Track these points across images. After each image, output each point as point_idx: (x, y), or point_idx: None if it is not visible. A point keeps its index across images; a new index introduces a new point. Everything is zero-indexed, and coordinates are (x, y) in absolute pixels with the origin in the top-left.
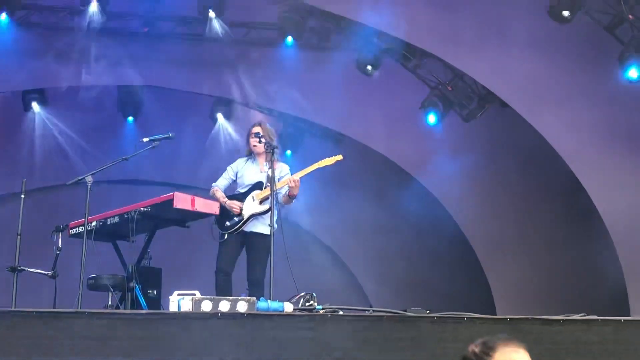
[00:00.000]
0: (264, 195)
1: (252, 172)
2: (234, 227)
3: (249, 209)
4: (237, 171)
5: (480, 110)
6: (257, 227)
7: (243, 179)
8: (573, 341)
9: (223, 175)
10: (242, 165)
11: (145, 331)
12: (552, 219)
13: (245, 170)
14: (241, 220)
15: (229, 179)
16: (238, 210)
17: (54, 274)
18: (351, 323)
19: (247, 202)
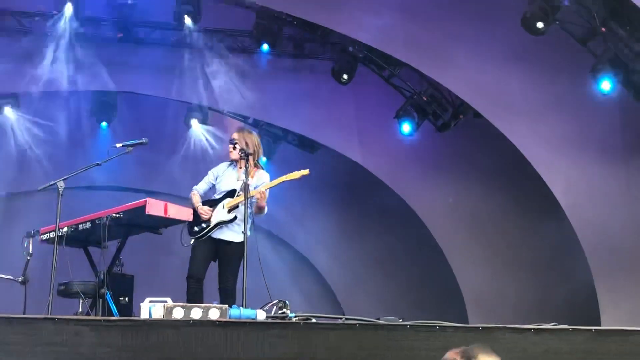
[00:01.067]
0: (233, 203)
1: (229, 179)
2: (200, 233)
3: (216, 217)
4: (217, 176)
5: (454, 120)
6: (227, 234)
7: (220, 184)
8: (544, 350)
9: (204, 179)
10: (223, 171)
11: (115, 338)
12: (525, 228)
13: (224, 175)
14: (208, 227)
15: (208, 182)
16: (207, 217)
17: (24, 280)
18: (323, 331)
19: (217, 210)
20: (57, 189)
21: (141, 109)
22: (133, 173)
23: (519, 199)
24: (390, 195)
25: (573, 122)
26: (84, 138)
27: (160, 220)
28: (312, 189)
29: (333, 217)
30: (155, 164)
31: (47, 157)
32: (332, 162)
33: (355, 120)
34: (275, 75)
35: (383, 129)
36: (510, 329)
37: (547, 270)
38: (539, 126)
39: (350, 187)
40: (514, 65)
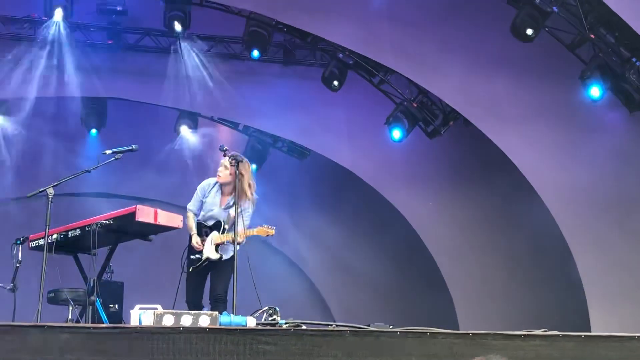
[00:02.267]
0: (220, 241)
1: (213, 204)
2: (196, 264)
3: (206, 252)
4: (204, 193)
5: (444, 126)
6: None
7: (205, 205)
8: (534, 356)
9: (194, 196)
10: (208, 190)
11: (105, 345)
12: (514, 232)
13: (209, 197)
14: (200, 260)
15: (199, 200)
16: (199, 249)
17: (13, 288)
18: (314, 338)
19: (207, 244)
20: (47, 195)
21: (131, 116)
22: (123, 180)
23: (507, 204)
24: (380, 201)
25: (562, 128)
26: (74, 145)
27: (150, 227)
28: (302, 195)
29: (323, 223)
30: (145, 171)
31: (36, 163)
32: (322, 168)
33: (345, 126)
34: (266, 81)
35: (373, 135)
36: (500, 335)
37: (537, 275)
38: (527, 132)
39: (340, 193)
40: (503, 72)
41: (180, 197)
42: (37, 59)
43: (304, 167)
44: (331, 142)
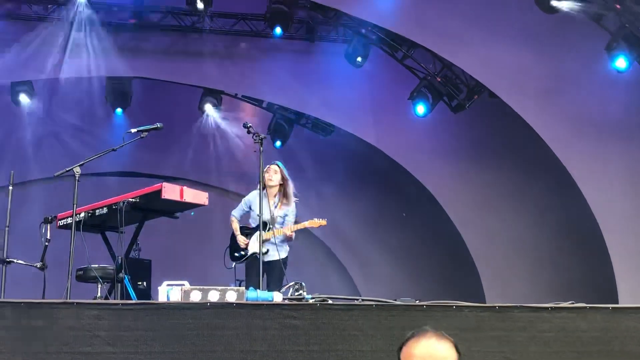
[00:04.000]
0: (265, 237)
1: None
2: (239, 260)
3: (252, 247)
4: (250, 204)
5: (469, 100)
6: (270, 256)
7: (253, 213)
8: (561, 329)
9: (239, 206)
10: (254, 199)
11: (134, 322)
12: (541, 208)
13: (256, 205)
14: (245, 255)
15: (242, 210)
16: (244, 245)
17: (42, 266)
18: (340, 312)
19: (252, 240)
20: (74, 174)
21: (155, 95)
22: (148, 158)
23: (535, 178)
24: (405, 177)
25: (588, 100)
26: (99, 124)
27: (176, 205)
28: (327, 171)
29: (348, 199)
30: (170, 149)
31: (62, 143)
32: (346, 144)
33: (369, 102)
34: (289, 58)
35: (397, 111)
36: (527, 307)
37: (564, 249)
38: (554, 105)
39: (364, 169)
40: (528, 44)
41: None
42: (60, 40)
43: (328, 144)
44: (355, 118)
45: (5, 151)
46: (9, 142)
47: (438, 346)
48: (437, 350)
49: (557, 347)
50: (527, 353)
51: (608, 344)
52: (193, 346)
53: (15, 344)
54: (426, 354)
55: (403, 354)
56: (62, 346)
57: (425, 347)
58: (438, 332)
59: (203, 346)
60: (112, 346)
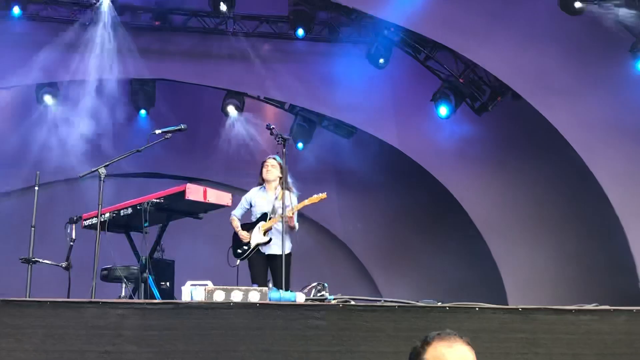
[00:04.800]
0: (267, 226)
1: (262, 202)
2: (244, 255)
3: (254, 239)
4: (250, 201)
5: (492, 102)
6: (273, 249)
7: (255, 208)
8: (585, 331)
9: (239, 205)
10: (255, 195)
11: (158, 321)
12: (564, 210)
13: (257, 199)
14: (249, 249)
15: (243, 208)
16: (246, 240)
17: (67, 266)
18: (363, 313)
19: (254, 232)
20: (99, 175)
21: (179, 96)
22: (172, 160)
23: (559, 181)
24: (427, 179)
25: (613, 102)
26: (123, 126)
27: (200, 205)
28: (349, 174)
29: (370, 201)
30: (194, 151)
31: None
32: (368, 146)
33: (391, 104)
34: (311, 60)
35: (419, 112)
36: (550, 310)
37: (587, 252)
38: (579, 107)
39: (387, 171)
40: (552, 45)
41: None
42: (85, 42)
43: (350, 146)
44: (377, 120)
45: (31, 152)
46: (34, 143)
47: (468, 353)
48: (468, 356)
49: (581, 349)
50: (550, 355)
51: (632, 347)
52: (216, 346)
53: (41, 343)
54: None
55: (431, 356)
56: (87, 345)
57: (458, 352)
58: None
59: (226, 346)
60: (137, 345)
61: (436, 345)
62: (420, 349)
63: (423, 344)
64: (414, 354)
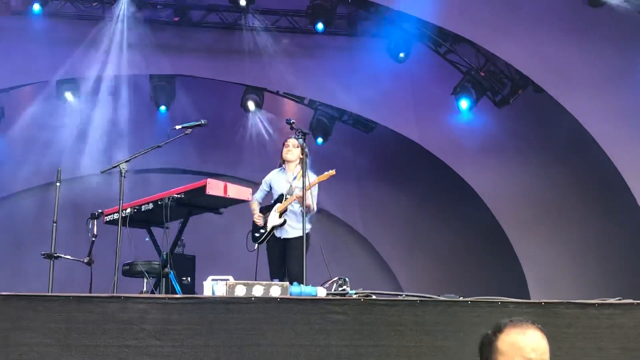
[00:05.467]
0: (282, 208)
1: (280, 183)
2: (261, 239)
3: (270, 222)
4: (269, 182)
5: (513, 95)
6: (289, 232)
7: (274, 190)
8: (608, 325)
9: (259, 187)
10: (274, 177)
11: (180, 316)
12: (587, 203)
13: (276, 181)
14: (265, 232)
15: (263, 191)
16: (260, 223)
17: (89, 261)
18: (384, 307)
19: (271, 215)
20: (120, 170)
21: (199, 92)
22: (192, 155)
23: (581, 175)
24: (447, 173)
25: (637, 95)
26: (143, 121)
27: (220, 200)
28: (369, 168)
29: (390, 196)
30: (214, 146)
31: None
32: (388, 141)
33: (411, 98)
34: (331, 54)
35: (440, 106)
36: (573, 304)
37: (610, 246)
38: (601, 99)
39: (407, 166)
40: (574, 38)
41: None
42: (105, 38)
43: (370, 140)
44: (397, 114)
45: (52, 148)
46: (55, 139)
47: (542, 338)
48: (543, 342)
49: (604, 343)
50: (573, 349)
51: None
52: (238, 340)
53: (64, 337)
54: (535, 346)
55: (505, 342)
56: (109, 339)
57: (533, 338)
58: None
59: (248, 340)
60: (159, 339)
61: (509, 332)
62: (493, 336)
63: (495, 331)
64: (486, 342)
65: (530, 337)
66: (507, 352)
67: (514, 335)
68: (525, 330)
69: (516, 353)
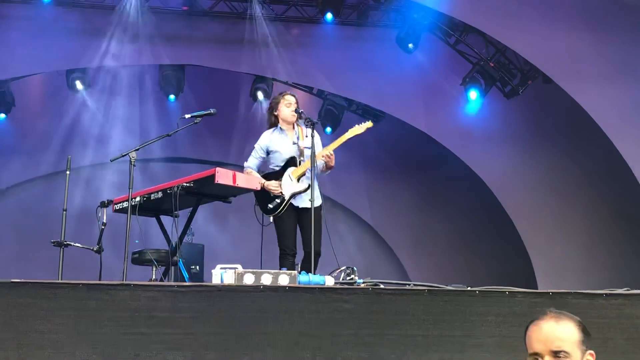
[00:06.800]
0: (300, 172)
1: (284, 146)
2: (278, 209)
3: (288, 189)
4: (266, 147)
5: (522, 86)
6: (306, 202)
7: (275, 154)
8: (616, 316)
9: (252, 154)
10: (269, 139)
11: (189, 304)
12: (595, 194)
13: (275, 144)
14: (283, 201)
15: (259, 157)
16: (278, 191)
17: (99, 249)
18: (392, 297)
19: (285, 181)
20: (129, 159)
21: (207, 81)
22: (201, 144)
23: (590, 166)
24: (457, 164)
25: None
26: (153, 111)
27: (229, 189)
28: (378, 159)
29: (399, 187)
30: (223, 136)
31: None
32: (397, 131)
33: (420, 88)
34: (340, 44)
35: (449, 97)
36: (581, 294)
37: (618, 236)
38: (611, 91)
39: (416, 156)
40: (584, 28)
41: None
42: (114, 27)
43: (378, 130)
44: (406, 105)
45: (62, 137)
46: (65, 128)
47: (556, 328)
48: (553, 331)
49: (611, 333)
50: None
51: None
52: (246, 328)
53: (74, 325)
54: (542, 337)
55: (526, 338)
56: (119, 327)
57: (542, 329)
58: (561, 312)
59: (256, 328)
60: (168, 327)
61: (529, 327)
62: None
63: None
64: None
65: (540, 328)
66: (527, 346)
67: (530, 329)
68: (540, 322)
69: (529, 346)
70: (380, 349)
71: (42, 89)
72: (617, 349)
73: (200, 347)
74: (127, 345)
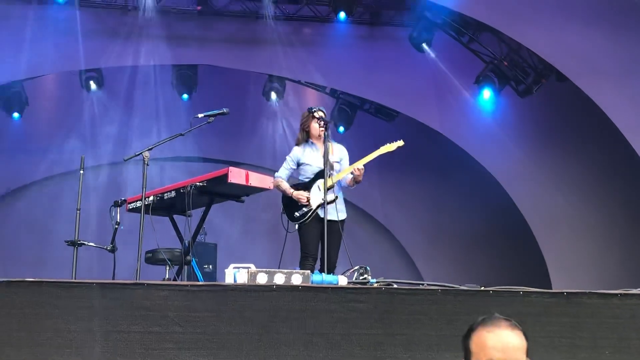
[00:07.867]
0: (330, 183)
1: (315, 159)
2: (304, 218)
3: (316, 199)
4: (297, 160)
5: (536, 85)
6: (331, 214)
7: (305, 166)
8: (630, 316)
9: (284, 165)
10: (302, 153)
11: (202, 303)
12: (610, 194)
13: (307, 157)
14: (310, 210)
15: (289, 168)
16: (306, 201)
17: (112, 248)
18: (405, 296)
19: (314, 192)
20: (143, 159)
21: (221, 81)
22: (214, 143)
23: (605, 164)
24: (470, 163)
25: None
26: (166, 110)
27: (242, 189)
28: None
29: (412, 186)
30: (236, 135)
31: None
32: (410, 130)
33: (433, 87)
34: (353, 43)
35: (463, 96)
36: (595, 294)
37: (633, 235)
38: (626, 88)
39: (429, 155)
40: (599, 26)
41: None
42: (128, 28)
43: (392, 129)
44: (419, 104)
45: (76, 137)
46: (79, 128)
47: (512, 337)
48: (511, 341)
49: (626, 333)
50: (595, 340)
51: None
52: (259, 328)
53: (88, 323)
54: (500, 346)
55: (474, 343)
56: (132, 326)
57: (500, 337)
58: (508, 319)
59: (269, 328)
60: (181, 326)
61: (480, 331)
62: (467, 336)
63: (469, 331)
64: (463, 341)
65: (497, 337)
66: (475, 352)
67: (483, 334)
68: (495, 329)
69: (481, 353)
70: (393, 349)
71: (56, 89)
72: (632, 349)
73: (214, 347)
74: (141, 344)
